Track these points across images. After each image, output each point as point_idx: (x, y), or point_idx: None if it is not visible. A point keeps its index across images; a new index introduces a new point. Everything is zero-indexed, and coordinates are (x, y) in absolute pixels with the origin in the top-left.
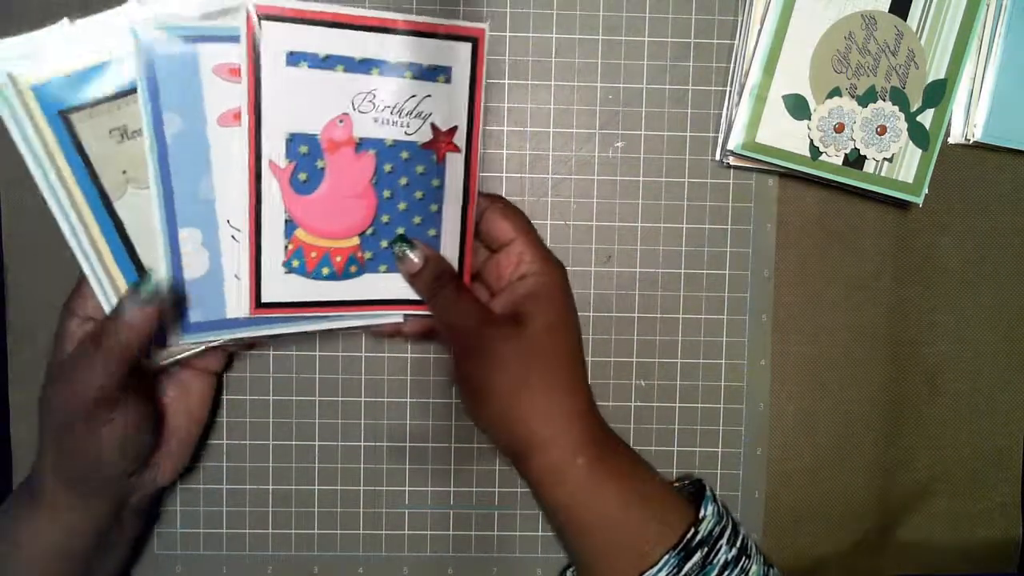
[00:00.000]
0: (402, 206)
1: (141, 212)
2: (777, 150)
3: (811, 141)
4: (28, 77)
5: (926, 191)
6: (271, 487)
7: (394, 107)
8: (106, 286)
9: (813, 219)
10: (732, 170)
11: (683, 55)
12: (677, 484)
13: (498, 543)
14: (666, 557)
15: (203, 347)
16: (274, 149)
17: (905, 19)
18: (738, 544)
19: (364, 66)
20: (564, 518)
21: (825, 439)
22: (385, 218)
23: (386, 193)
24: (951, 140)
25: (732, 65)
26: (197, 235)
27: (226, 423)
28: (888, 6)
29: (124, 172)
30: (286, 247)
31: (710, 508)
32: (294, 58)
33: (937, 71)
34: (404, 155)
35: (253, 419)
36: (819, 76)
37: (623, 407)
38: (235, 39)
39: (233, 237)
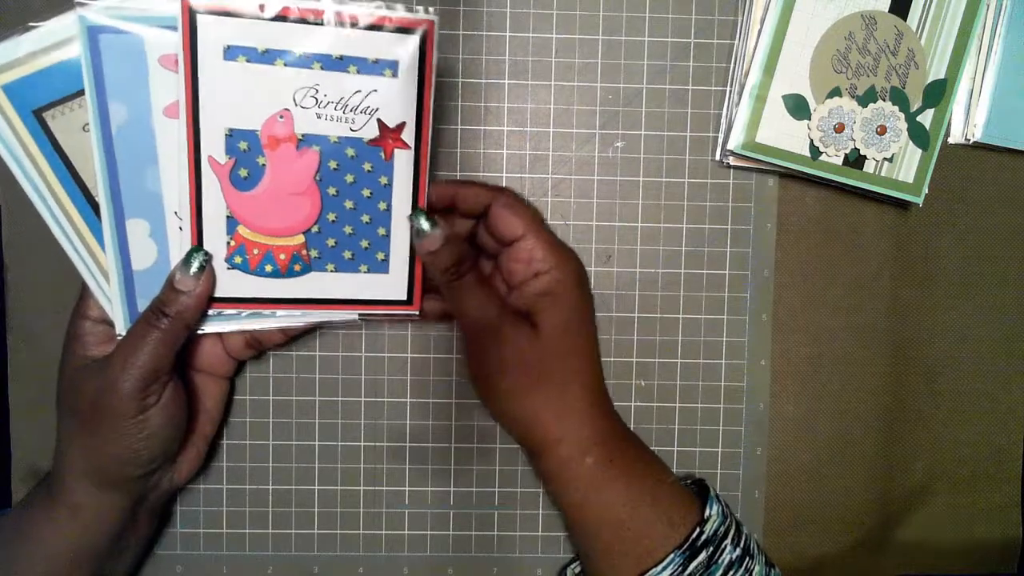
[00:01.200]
0: (349, 204)
1: None
2: (777, 150)
3: (811, 141)
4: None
5: (926, 191)
6: (271, 487)
7: (338, 102)
8: (99, 279)
9: (813, 219)
10: (732, 170)
11: (683, 55)
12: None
13: (498, 543)
14: (671, 556)
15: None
16: (213, 145)
17: (905, 19)
18: (741, 544)
19: (305, 60)
20: (573, 516)
21: (825, 439)
22: (331, 216)
23: (331, 190)
24: (951, 140)
25: (732, 65)
26: (144, 226)
27: (226, 423)
28: (888, 6)
29: None
30: (228, 243)
31: (715, 508)
32: (232, 52)
33: (937, 71)
34: (350, 152)
35: (253, 419)
36: (819, 76)
37: (623, 407)
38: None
39: (180, 228)
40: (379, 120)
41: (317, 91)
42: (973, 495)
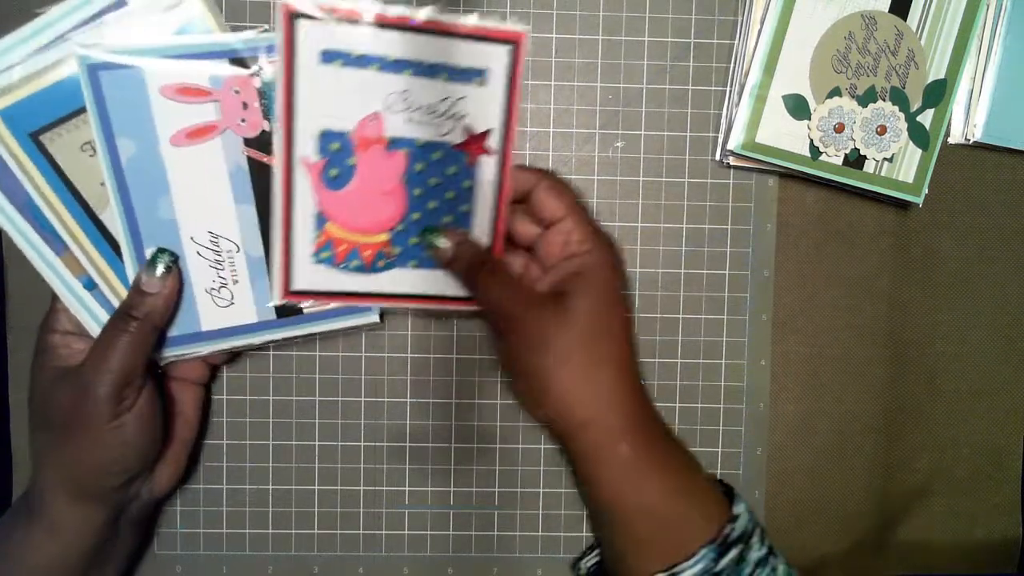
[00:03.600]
0: (432, 205)
1: None
2: (777, 150)
3: (811, 141)
4: None
5: (926, 191)
6: (271, 487)
7: (427, 108)
8: (108, 295)
9: (813, 219)
10: (732, 170)
11: (683, 55)
12: None
13: (498, 543)
14: (704, 551)
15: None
16: (306, 145)
17: (905, 19)
18: (766, 543)
19: (397, 66)
20: (604, 503)
21: (825, 439)
22: (415, 216)
23: (416, 191)
24: (951, 140)
25: (732, 65)
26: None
27: (226, 423)
28: (888, 6)
29: (103, 184)
30: (316, 239)
31: (742, 505)
32: (328, 56)
33: (937, 71)
34: (436, 155)
35: (253, 419)
36: (819, 76)
37: None
38: (178, 57)
39: (198, 253)
40: (466, 126)
41: (408, 96)
42: (973, 495)
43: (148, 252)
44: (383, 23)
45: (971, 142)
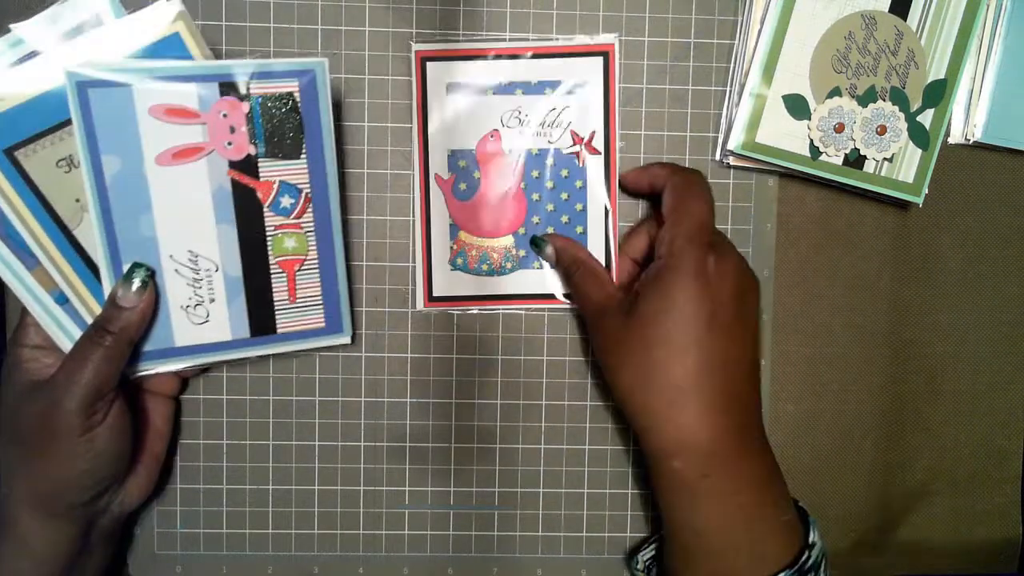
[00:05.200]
0: (550, 207)
1: None
2: (777, 150)
3: (811, 141)
4: None
5: (926, 191)
6: (271, 487)
7: (538, 120)
8: (81, 310)
9: (813, 219)
10: (732, 170)
11: (683, 55)
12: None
13: (498, 543)
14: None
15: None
16: (438, 164)
17: (905, 19)
18: (829, 571)
19: (510, 88)
20: (681, 526)
21: (825, 439)
22: (536, 219)
23: (535, 196)
24: (951, 140)
25: (732, 65)
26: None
27: (226, 423)
28: (888, 6)
29: (77, 200)
30: (451, 247)
31: (816, 534)
32: (453, 87)
33: (937, 71)
34: (549, 161)
35: (253, 419)
36: (819, 76)
37: None
38: (169, 79)
39: (176, 271)
40: (572, 132)
41: (520, 112)
42: (973, 495)
43: (125, 267)
44: (494, 56)
45: (971, 142)
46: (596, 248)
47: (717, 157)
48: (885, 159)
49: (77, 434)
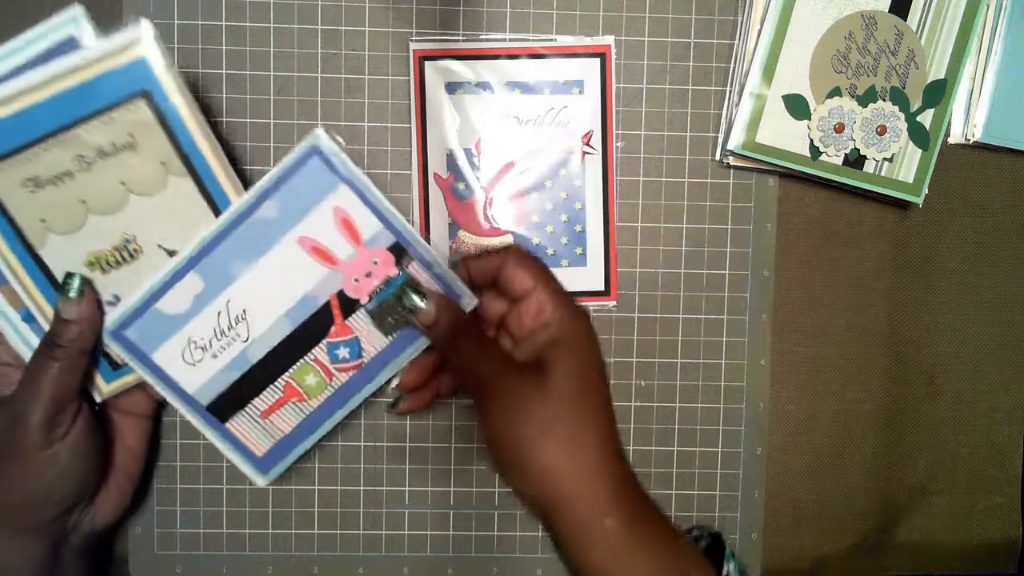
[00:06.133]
0: (549, 206)
1: (65, 257)
2: (777, 150)
3: (811, 141)
4: None
5: (926, 191)
6: (271, 487)
7: (536, 119)
8: (16, 325)
9: (813, 219)
10: (732, 170)
11: (683, 55)
12: (696, 532)
13: (498, 543)
14: None
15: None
16: (437, 163)
17: (905, 19)
18: None
19: (509, 88)
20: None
21: (825, 439)
22: (535, 217)
23: (533, 195)
24: (951, 140)
25: (732, 65)
26: (199, 285)
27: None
28: (888, 6)
29: (43, 221)
30: (450, 246)
31: (732, 565)
32: (451, 87)
33: (937, 71)
34: (548, 160)
35: None
36: (819, 76)
37: (623, 407)
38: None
39: (219, 314)
40: (570, 131)
41: (519, 111)
42: (973, 495)
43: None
44: (493, 55)
45: (971, 142)
46: (595, 248)
47: (717, 157)
48: (885, 159)
49: (38, 450)
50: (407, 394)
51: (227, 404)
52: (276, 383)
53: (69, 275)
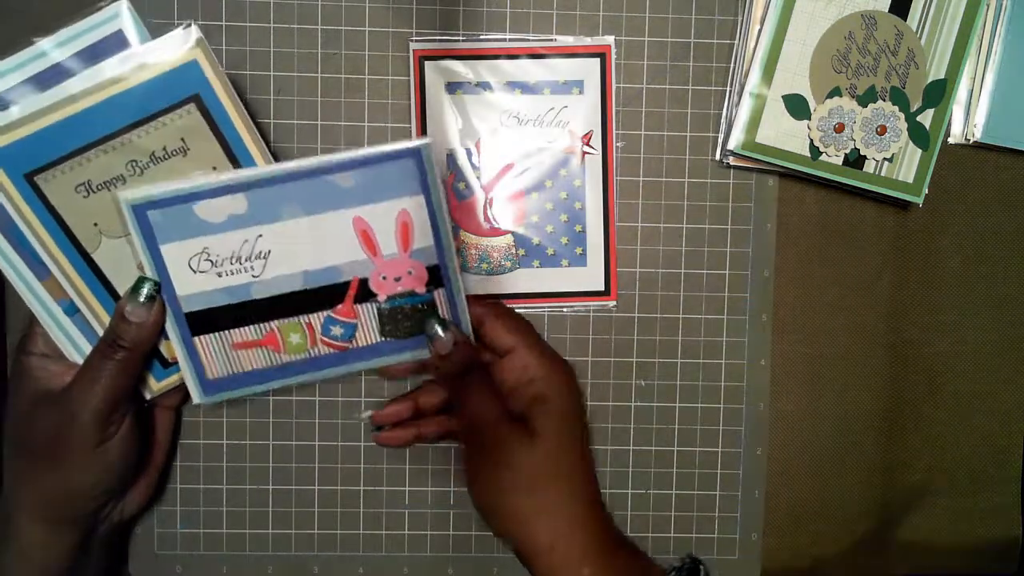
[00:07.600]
0: (548, 206)
1: (118, 260)
2: (777, 150)
3: (811, 141)
4: None
5: (926, 191)
6: (271, 487)
7: (536, 119)
8: (92, 321)
9: (813, 219)
10: (732, 170)
11: (683, 55)
12: (678, 564)
13: (498, 543)
14: None
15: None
16: (437, 163)
17: (905, 19)
18: None
19: (509, 87)
20: None
21: (825, 439)
22: (534, 217)
23: (533, 195)
24: (951, 140)
25: (732, 65)
26: (242, 207)
27: (226, 423)
28: (888, 6)
29: (95, 224)
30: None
31: None
32: (451, 87)
33: (937, 71)
34: (548, 160)
35: (253, 419)
36: (819, 76)
37: (623, 407)
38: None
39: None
40: (570, 131)
41: (519, 111)
42: (973, 495)
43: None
44: (493, 55)
45: (971, 142)
46: (595, 249)
47: (717, 157)
48: (885, 159)
49: (91, 447)
50: (389, 426)
51: (207, 321)
52: (261, 326)
53: (143, 279)
